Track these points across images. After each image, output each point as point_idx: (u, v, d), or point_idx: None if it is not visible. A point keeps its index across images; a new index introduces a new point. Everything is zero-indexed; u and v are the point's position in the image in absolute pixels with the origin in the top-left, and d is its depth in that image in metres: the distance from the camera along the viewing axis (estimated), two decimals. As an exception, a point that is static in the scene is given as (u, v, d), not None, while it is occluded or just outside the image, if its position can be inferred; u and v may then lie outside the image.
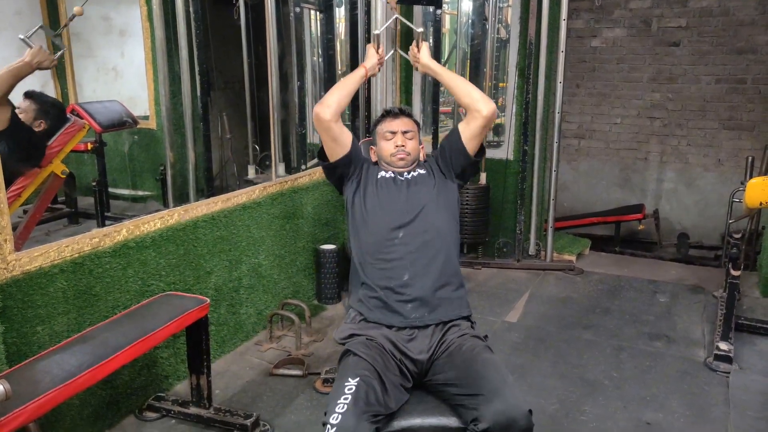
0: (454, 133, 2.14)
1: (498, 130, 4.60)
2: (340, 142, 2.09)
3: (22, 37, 2.46)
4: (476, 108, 2.05)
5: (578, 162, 5.64)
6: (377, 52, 2.30)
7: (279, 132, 3.57)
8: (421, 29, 2.31)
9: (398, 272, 1.90)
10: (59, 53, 2.66)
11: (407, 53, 2.41)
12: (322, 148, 2.17)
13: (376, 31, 2.31)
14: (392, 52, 2.48)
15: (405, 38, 4.48)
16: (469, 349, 1.76)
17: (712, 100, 5.04)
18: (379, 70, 2.38)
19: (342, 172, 2.15)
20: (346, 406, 1.52)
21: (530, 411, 1.53)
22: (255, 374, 2.83)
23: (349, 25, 3.82)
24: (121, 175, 3.90)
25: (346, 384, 1.60)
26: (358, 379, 1.61)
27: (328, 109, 2.04)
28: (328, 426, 1.50)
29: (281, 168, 3.54)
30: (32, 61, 2.37)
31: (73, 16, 2.64)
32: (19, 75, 2.41)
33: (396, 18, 2.37)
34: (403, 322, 1.85)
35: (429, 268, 1.92)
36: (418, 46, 2.28)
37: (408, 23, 2.46)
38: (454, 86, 2.15)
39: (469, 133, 2.09)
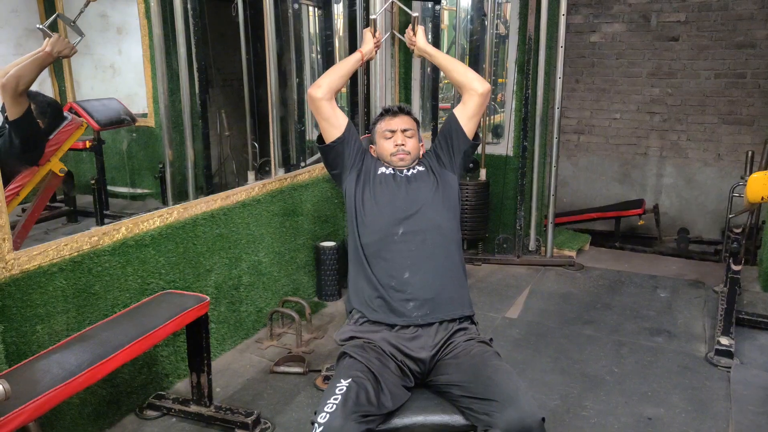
0: (451, 118, 2.15)
1: (498, 125, 4.59)
2: (333, 123, 2.10)
3: (40, 26, 2.47)
4: (472, 87, 2.10)
5: (578, 157, 5.63)
6: (374, 36, 2.34)
7: (278, 129, 3.56)
8: (417, 13, 2.35)
9: (398, 270, 1.89)
10: (78, 40, 2.64)
11: (404, 36, 2.46)
12: (320, 134, 2.17)
13: (373, 16, 2.35)
14: (387, 34, 2.57)
15: (403, 26, 4.47)
16: (478, 353, 1.74)
17: (711, 94, 5.04)
18: (376, 53, 2.43)
19: (336, 156, 2.11)
20: (335, 406, 1.52)
21: (543, 419, 1.53)
22: (255, 372, 2.82)
23: (347, 21, 3.81)
24: (120, 173, 3.89)
25: (337, 385, 1.60)
26: (350, 380, 1.61)
27: (319, 88, 2.09)
28: (316, 425, 1.50)
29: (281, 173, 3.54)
30: (53, 51, 2.38)
31: (89, 1, 2.62)
32: (42, 65, 2.44)
33: (392, 2, 2.43)
34: (405, 321, 1.84)
35: (429, 266, 1.90)
36: (414, 29, 2.33)
37: (404, 7, 2.54)
38: (449, 67, 2.21)
39: (466, 113, 2.11)
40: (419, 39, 2.31)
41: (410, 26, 2.35)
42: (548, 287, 3.89)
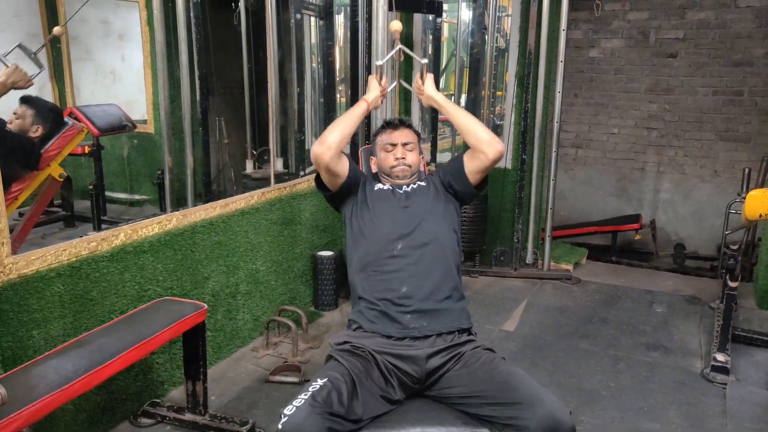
0: (458, 161, 2.10)
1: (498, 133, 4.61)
2: (339, 173, 2.06)
3: None
4: (482, 150, 2.00)
5: (575, 171, 5.66)
6: (379, 84, 2.22)
7: (278, 138, 3.57)
8: (425, 60, 2.20)
9: (396, 284, 1.89)
10: (37, 73, 2.63)
11: (410, 84, 2.32)
12: (318, 175, 2.13)
13: (379, 62, 2.22)
14: (394, 84, 2.36)
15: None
16: (487, 360, 1.76)
17: (708, 111, 5.07)
18: (382, 102, 2.29)
19: (343, 196, 2.13)
20: (303, 401, 1.54)
21: (570, 411, 1.56)
22: (251, 381, 2.81)
23: (349, 32, 3.83)
24: (119, 179, 3.89)
25: (313, 383, 1.62)
26: (325, 379, 1.62)
27: (329, 151, 1.98)
28: (281, 415, 1.52)
29: (279, 163, 3.55)
30: (6, 81, 2.35)
31: (53, 36, 2.60)
32: None
33: (399, 49, 2.26)
34: (401, 331, 1.84)
35: (427, 281, 1.90)
36: (422, 77, 2.20)
37: (412, 54, 2.34)
38: (460, 122, 2.08)
39: (472, 167, 2.06)
40: (428, 87, 2.18)
41: (418, 74, 2.22)
42: (545, 300, 3.89)
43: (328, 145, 1.98)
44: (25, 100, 2.72)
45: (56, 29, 2.60)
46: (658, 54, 5.16)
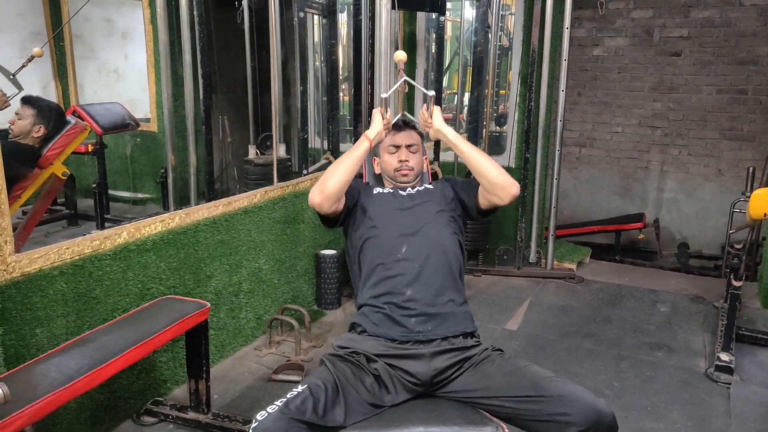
0: (473, 188, 2.04)
1: (500, 137, 4.60)
2: (338, 209, 2.00)
3: None
4: (495, 194, 1.95)
5: (579, 170, 5.64)
6: (384, 117, 2.07)
7: (281, 136, 3.57)
8: (432, 93, 2.06)
9: (401, 287, 1.88)
10: (15, 94, 2.64)
11: (413, 115, 2.22)
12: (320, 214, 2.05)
13: (383, 95, 2.08)
14: (399, 116, 2.22)
15: (408, 46, 4.49)
16: (503, 363, 1.76)
17: (713, 110, 5.05)
18: (386, 135, 2.15)
19: (341, 218, 2.07)
20: (276, 408, 1.53)
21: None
22: (254, 379, 2.81)
23: (352, 30, 3.82)
24: (122, 178, 3.89)
25: (293, 389, 1.61)
26: (305, 386, 1.61)
27: (328, 201, 1.92)
28: (253, 421, 1.52)
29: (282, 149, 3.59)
30: None
31: (32, 57, 2.63)
32: None
33: (404, 80, 2.10)
34: (406, 335, 1.83)
35: (432, 285, 1.89)
36: (429, 109, 2.08)
37: (417, 85, 2.20)
38: (473, 163, 1.97)
39: (484, 202, 2.02)
40: (436, 120, 2.04)
41: (425, 106, 2.10)
42: (548, 299, 3.88)
43: (328, 195, 1.90)
44: (26, 101, 2.72)
45: (35, 51, 2.63)
46: (662, 52, 5.14)
